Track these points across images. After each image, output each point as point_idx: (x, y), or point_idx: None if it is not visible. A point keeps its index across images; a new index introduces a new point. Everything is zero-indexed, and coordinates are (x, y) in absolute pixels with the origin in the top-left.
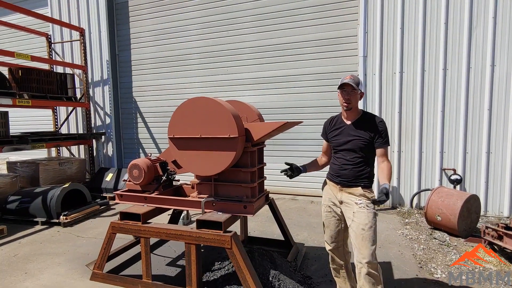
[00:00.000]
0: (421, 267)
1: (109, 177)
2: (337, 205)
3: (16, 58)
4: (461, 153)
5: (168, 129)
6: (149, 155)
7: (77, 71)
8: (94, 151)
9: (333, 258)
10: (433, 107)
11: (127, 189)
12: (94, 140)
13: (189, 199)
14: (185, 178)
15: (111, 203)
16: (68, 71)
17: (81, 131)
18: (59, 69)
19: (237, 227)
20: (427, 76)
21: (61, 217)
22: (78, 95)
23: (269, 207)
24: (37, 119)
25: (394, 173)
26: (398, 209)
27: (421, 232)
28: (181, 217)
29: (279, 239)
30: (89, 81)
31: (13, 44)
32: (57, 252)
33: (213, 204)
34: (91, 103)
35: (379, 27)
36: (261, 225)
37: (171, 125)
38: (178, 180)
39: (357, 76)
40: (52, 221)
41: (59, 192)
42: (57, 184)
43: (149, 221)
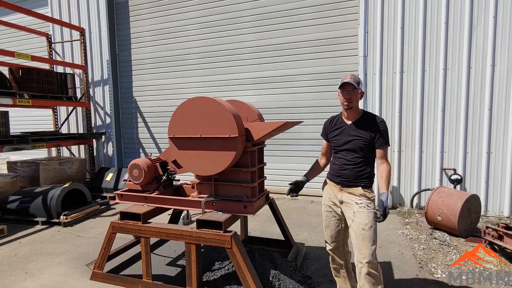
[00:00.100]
0: (421, 267)
1: (109, 177)
2: (337, 205)
3: (16, 58)
4: (461, 153)
5: (168, 129)
6: (149, 155)
7: (77, 71)
8: (94, 151)
9: (333, 258)
10: (433, 107)
11: (127, 189)
12: (94, 140)
13: (189, 199)
14: (185, 178)
15: (111, 203)
16: (68, 71)
17: (81, 131)
18: (60, 69)
19: (237, 227)
20: (427, 76)
21: (61, 217)
22: (78, 95)
23: (269, 207)
24: (37, 119)
25: (394, 173)
26: (398, 209)
27: (421, 232)
28: (181, 217)
29: (279, 239)
30: (89, 81)
31: (13, 44)
32: (57, 252)
33: (213, 204)
34: (91, 103)
35: (379, 26)
36: (261, 225)
37: (171, 125)
38: (178, 180)
39: (358, 75)
40: (52, 221)
41: (59, 192)
42: (57, 184)
43: (149, 221)
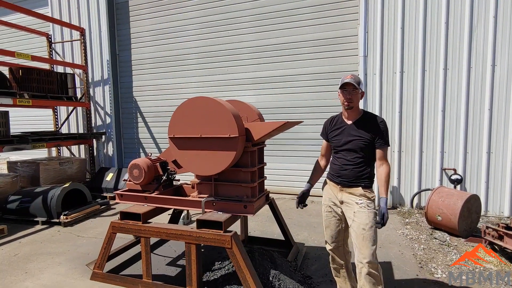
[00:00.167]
0: (421, 267)
1: (109, 177)
2: (337, 205)
3: (16, 58)
4: (461, 153)
5: (168, 128)
6: (150, 154)
7: (77, 71)
8: (94, 151)
9: (333, 258)
10: (433, 107)
11: (127, 188)
12: (94, 140)
13: (189, 198)
14: (186, 178)
15: (111, 202)
16: (68, 70)
17: (81, 131)
18: (60, 69)
19: (237, 227)
20: (427, 75)
21: (62, 216)
22: (78, 95)
23: (269, 207)
24: (37, 118)
25: (394, 173)
26: (398, 209)
27: (422, 232)
28: (181, 217)
29: (279, 239)
30: (90, 80)
31: (13, 44)
32: (58, 251)
33: (213, 204)
34: (91, 102)
35: (379, 26)
36: (261, 225)
37: (171, 125)
38: (178, 180)
39: (358, 75)
40: (52, 220)
41: (59, 192)
42: (57, 183)
43: (149, 221)
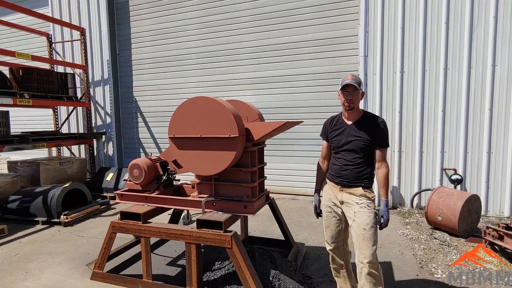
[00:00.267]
0: (421, 267)
1: (109, 176)
2: (337, 205)
3: (17, 57)
4: (461, 153)
5: (168, 128)
6: (150, 154)
7: (77, 71)
8: (94, 151)
9: (333, 258)
10: (433, 107)
11: (127, 188)
12: (94, 139)
13: (190, 198)
14: (186, 177)
15: (111, 202)
16: (68, 70)
17: (81, 131)
18: (60, 69)
19: (237, 226)
20: (427, 75)
21: (62, 216)
22: (78, 95)
23: (270, 207)
24: (37, 118)
25: (394, 172)
26: (398, 209)
27: (422, 232)
28: (182, 216)
29: (279, 239)
30: (90, 80)
31: (13, 43)
32: (58, 251)
33: (214, 203)
34: (91, 102)
35: (379, 26)
36: (261, 224)
37: (171, 125)
38: (178, 179)
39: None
40: (52, 220)
41: (59, 191)
42: (57, 183)
43: (150, 221)
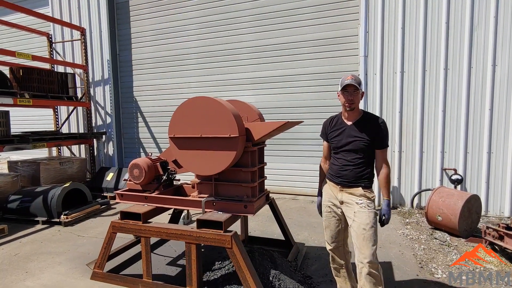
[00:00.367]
0: (421, 267)
1: (109, 176)
2: (337, 205)
3: (17, 57)
4: (462, 153)
5: (168, 128)
6: (150, 154)
7: (78, 71)
8: (94, 151)
9: (333, 258)
10: (434, 107)
11: (127, 188)
12: (94, 139)
13: (190, 198)
14: (186, 177)
15: (111, 202)
16: (69, 70)
17: (82, 131)
18: (60, 69)
19: (237, 226)
20: (428, 75)
21: (62, 216)
22: (79, 95)
23: (270, 206)
24: (38, 118)
25: (395, 172)
26: (398, 209)
27: (422, 232)
28: (182, 216)
29: (279, 238)
30: (90, 80)
31: (14, 43)
32: (58, 251)
33: (214, 203)
34: (92, 102)
35: (380, 26)
36: (261, 224)
37: (171, 125)
38: (178, 179)
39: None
40: (52, 220)
41: (59, 191)
42: (57, 183)
43: (150, 221)
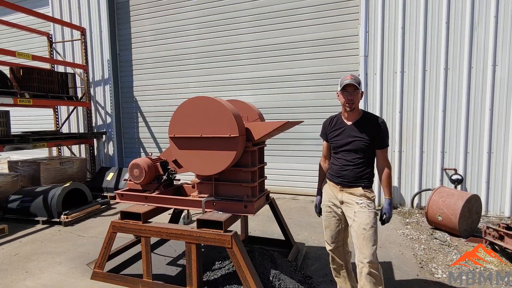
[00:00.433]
0: (421, 267)
1: (110, 176)
2: (337, 205)
3: (17, 57)
4: (462, 153)
5: (168, 128)
6: (150, 154)
7: (78, 71)
8: (95, 151)
9: (333, 258)
10: (434, 107)
11: (127, 188)
12: (95, 139)
13: (190, 198)
14: (186, 177)
15: (112, 202)
16: (69, 70)
17: (82, 131)
18: (60, 69)
19: (237, 226)
20: (428, 75)
21: (62, 216)
22: (79, 95)
23: (270, 206)
24: (38, 118)
25: (395, 172)
26: (399, 209)
27: (422, 232)
28: (182, 216)
29: (279, 238)
30: (90, 80)
31: (14, 43)
32: (58, 251)
33: (214, 203)
34: (92, 102)
35: (380, 26)
36: (261, 224)
37: (171, 125)
38: (178, 179)
39: (357, 75)
40: (53, 220)
41: (60, 191)
42: (58, 183)
43: (150, 221)
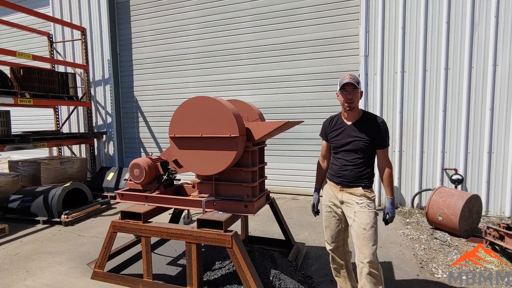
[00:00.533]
0: (422, 267)
1: (110, 176)
2: (337, 205)
3: (17, 57)
4: (462, 153)
5: (169, 128)
6: (150, 154)
7: (78, 70)
8: (95, 150)
9: (333, 258)
10: (434, 107)
11: (128, 188)
12: (95, 139)
13: (190, 198)
14: (186, 177)
15: (112, 202)
16: (69, 70)
17: (82, 130)
18: (61, 68)
19: (237, 226)
20: (428, 75)
21: (62, 216)
22: (79, 94)
23: (270, 206)
24: (38, 118)
25: (395, 172)
26: (399, 209)
27: (422, 232)
28: (182, 216)
29: (279, 238)
30: (91, 80)
31: (14, 43)
32: (58, 251)
33: (214, 203)
34: (92, 102)
35: (380, 26)
36: (261, 224)
37: (172, 125)
38: (179, 179)
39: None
40: (53, 220)
41: (60, 191)
42: (58, 183)
43: (150, 220)
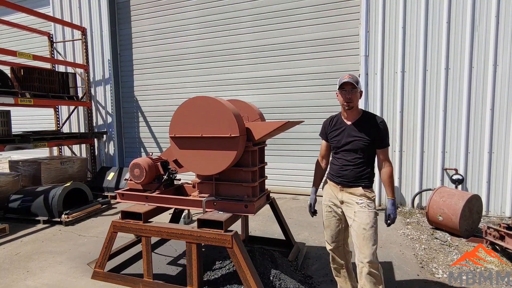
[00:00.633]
0: (422, 267)
1: (110, 176)
2: (337, 205)
3: (18, 57)
4: (463, 153)
5: (169, 128)
6: (151, 154)
7: (79, 70)
8: (95, 150)
9: (333, 257)
10: (435, 107)
11: (128, 188)
12: (95, 139)
13: (190, 198)
14: (186, 177)
15: (112, 202)
16: (70, 70)
17: (82, 130)
18: (61, 68)
19: (238, 226)
20: (429, 75)
21: (63, 216)
22: (79, 94)
23: (270, 206)
24: (39, 118)
25: (395, 172)
26: (399, 209)
27: (423, 232)
28: (182, 216)
29: (280, 238)
30: (91, 80)
31: (14, 43)
32: (59, 250)
33: (214, 203)
34: (92, 102)
35: (380, 26)
36: (262, 224)
37: (172, 124)
38: (179, 179)
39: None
40: (53, 220)
41: (60, 191)
42: (58, 183)
43: (150, 220)
